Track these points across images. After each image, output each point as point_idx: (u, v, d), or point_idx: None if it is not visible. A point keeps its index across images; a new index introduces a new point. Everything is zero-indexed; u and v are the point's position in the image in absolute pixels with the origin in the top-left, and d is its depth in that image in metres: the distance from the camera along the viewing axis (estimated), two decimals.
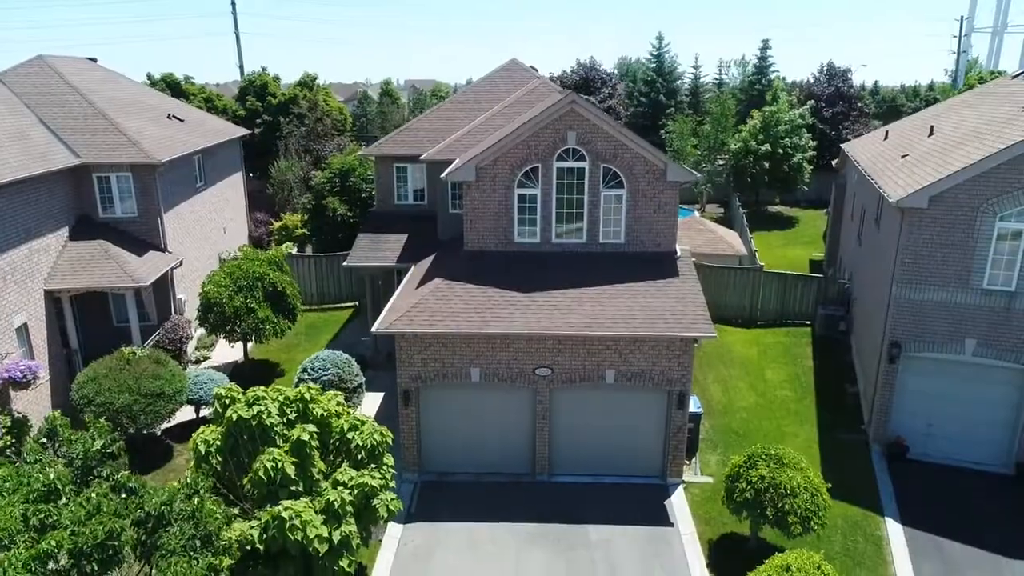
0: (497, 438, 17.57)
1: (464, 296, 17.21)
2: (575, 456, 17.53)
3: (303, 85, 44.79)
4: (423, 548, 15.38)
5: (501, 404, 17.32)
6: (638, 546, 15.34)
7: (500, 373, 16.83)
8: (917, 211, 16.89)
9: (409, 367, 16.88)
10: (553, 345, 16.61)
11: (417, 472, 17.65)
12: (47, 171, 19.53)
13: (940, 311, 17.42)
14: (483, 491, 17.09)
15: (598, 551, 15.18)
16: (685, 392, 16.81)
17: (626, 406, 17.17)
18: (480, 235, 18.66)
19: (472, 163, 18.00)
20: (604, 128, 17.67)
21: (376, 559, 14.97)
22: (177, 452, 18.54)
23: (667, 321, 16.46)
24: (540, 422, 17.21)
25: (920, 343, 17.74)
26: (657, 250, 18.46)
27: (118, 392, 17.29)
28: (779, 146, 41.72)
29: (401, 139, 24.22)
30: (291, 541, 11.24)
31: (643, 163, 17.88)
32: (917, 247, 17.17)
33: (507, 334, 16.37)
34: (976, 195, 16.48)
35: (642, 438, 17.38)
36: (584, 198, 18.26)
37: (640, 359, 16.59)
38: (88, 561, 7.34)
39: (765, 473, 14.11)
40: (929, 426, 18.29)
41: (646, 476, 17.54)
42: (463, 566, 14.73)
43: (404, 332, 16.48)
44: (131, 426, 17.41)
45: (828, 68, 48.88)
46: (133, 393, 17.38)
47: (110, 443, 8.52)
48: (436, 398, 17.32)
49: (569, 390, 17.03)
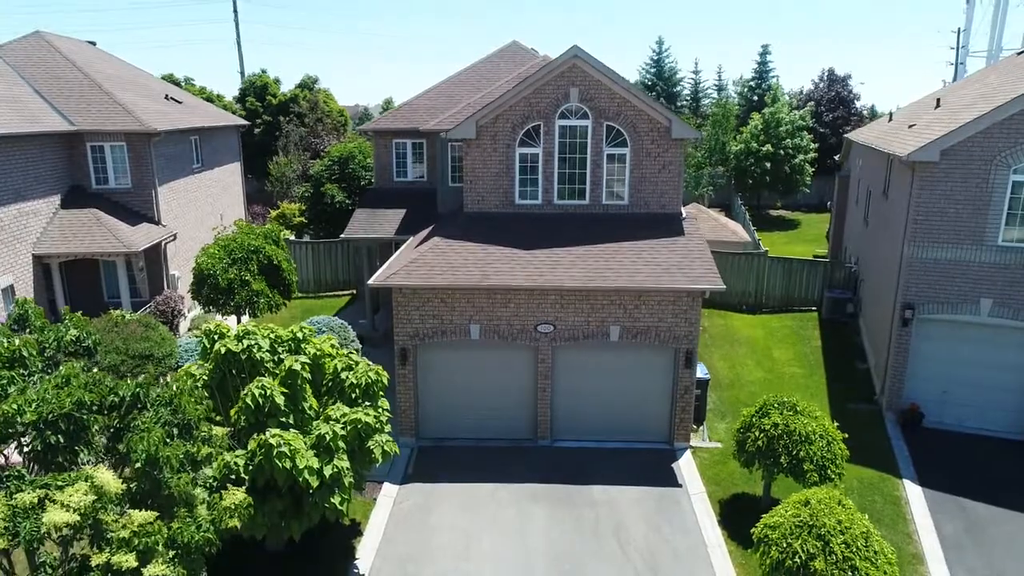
0: (497, 402, 16.91)
1: (463, 253, 16.71)
2: (578, 420, 16.87)
3: (304, 86, 44.76)
4: (420, 506, 14.66)
5: (502, 365, 16.70)
6: (645, 504, 14.63)
7: (500, 330, 16.25)
8: (928, 166, 16.47)
9: (407, 324, 16.30)
10: (556, 300, 16.07)
11: (414, 438, 16.96)
12: (38, 131, 19.17)
13: (954, 270, 16.91)
14: (483, 455, 16.40)
15: (603, 508, 14.46)
16: (692, 350, 16.22)
17: (631, 366, 16.56)
18: (480, 196, 18.21)
19: (472, 120, 17.62)
20: (607, 84, 17.33)
21: (370, 516, 14.24)
22: None
23: (673, 275, 15.94)
24: (542, 382, 16.57)
25: (934, 304, 17.19)
26: (662, 211, 18.01)
27: (104, 352, 16.67)
28: (780, 147, 41.56)
29: (400, 114, 23.91)
30: (279, 469, 10.58)
31: (647, 120, 17.51)
32: (929, 204, 16.71)
33: (508, 287, 15.83)
34: (989, 147, 16.07)
35: (648, 401, 16.73)
36: (587, 157, 17.86)
37: (645, 315, 16.03)
38: (53, 432, 6.71)
39: (778, 420, 13.48)
40: (944, 393, 17.65)
41: (652, 441, 16.85)
42: (462, 523, 14.01)
43: (402, 285, 15.94)
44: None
45: (829, 74, 48.99)
46: (120, 353, 16.77)
47: (85, 336, 7.93)
48: (434, 360, 16.71)
49: (572, 349, 16.44)
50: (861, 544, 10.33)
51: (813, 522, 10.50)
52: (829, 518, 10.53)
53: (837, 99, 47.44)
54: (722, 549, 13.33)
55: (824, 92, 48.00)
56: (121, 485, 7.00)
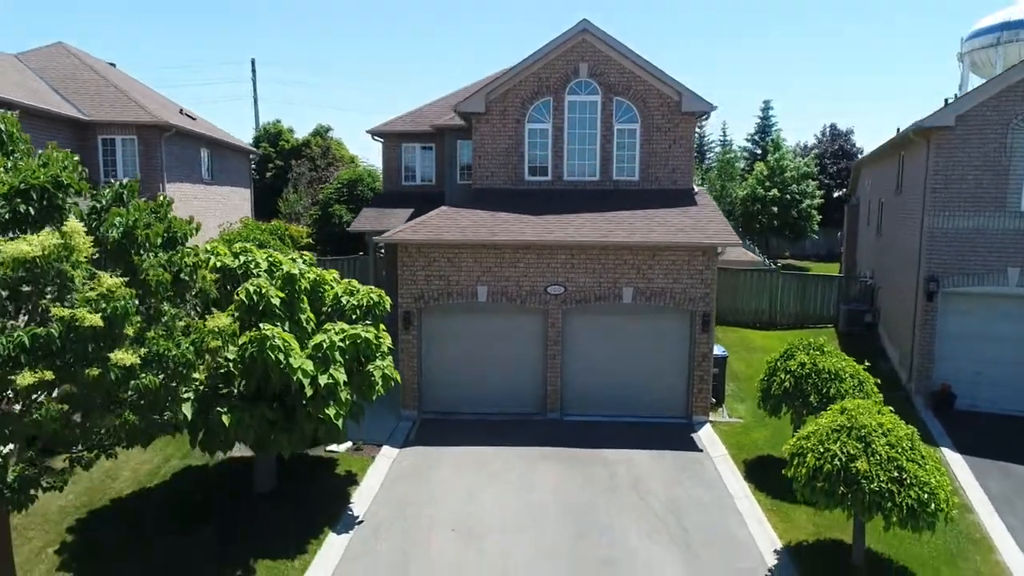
0: (504, 374, 16.06)
1: (471, 217, 16.32)
2: (590, 393, 15.96)
3: (317, 134, 45.65)
4: (421, 463, 13.64)
5: (509, 331, 15.97)
6: (663, 463, 13.59)
7: (509, 292, 15.64)
8: (943, 132, 16.22)
9: (411, 285, 15.72)
10: (566, 259, 15.53)
11: (416, 410, 16.04)
12: (49, 109, 19.25)
13: (977, 239, 16.36)
14: (488, 427, 15.40)
15: (618, 467, 13.41)
16: (709, 313, 15.51)
17: (646, 332, 15.82)
18: (489, 172, 17.99)
19: (482, 93, 17.62)
20: (616, 58, 17.40)
21: (367, 471, 13.21)
22: None
23: (688, 233, 15.46)
24: (552, 348, 15.79)
25: (959, 276, 16.54)
26: (674, 187, 17.69)
27: None
28: (787, 192, 41.69)
29: (410, 119, 24.06)
30: (272, 363, 9.84)
31: (657, 95, 17.48)
32: (946, 171, 16.36)
33: (517, 242, 15.35)
34: (1005, 110, 15.87)
35: (664, 371, 15.87)
36: (597, 133, 17.73)
37: (660, 275, 15.43)
38: (24, 201, 6.09)
39: (805, 359, 12.68)
40: (977, 373, 16.72)
41: (669, 416, 15.86)
42: (465, 476, 12.96)
43: (408, 240, 15.48)
44: None
45: (831, 129, 49.84)
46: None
47: (72, 167, 7.38)
48: (439, 327, 16.02)
49: (583, 314, 15.75)
50: (907, 446, 9.40)
51: (852, 424, 9.60)
52: (869, 419, 9.64)
53: (840, 151, 48.03)
54: (750, 500, 12.24)
55: (827, 145, 48.67)
56: (91, 248, 6.32)
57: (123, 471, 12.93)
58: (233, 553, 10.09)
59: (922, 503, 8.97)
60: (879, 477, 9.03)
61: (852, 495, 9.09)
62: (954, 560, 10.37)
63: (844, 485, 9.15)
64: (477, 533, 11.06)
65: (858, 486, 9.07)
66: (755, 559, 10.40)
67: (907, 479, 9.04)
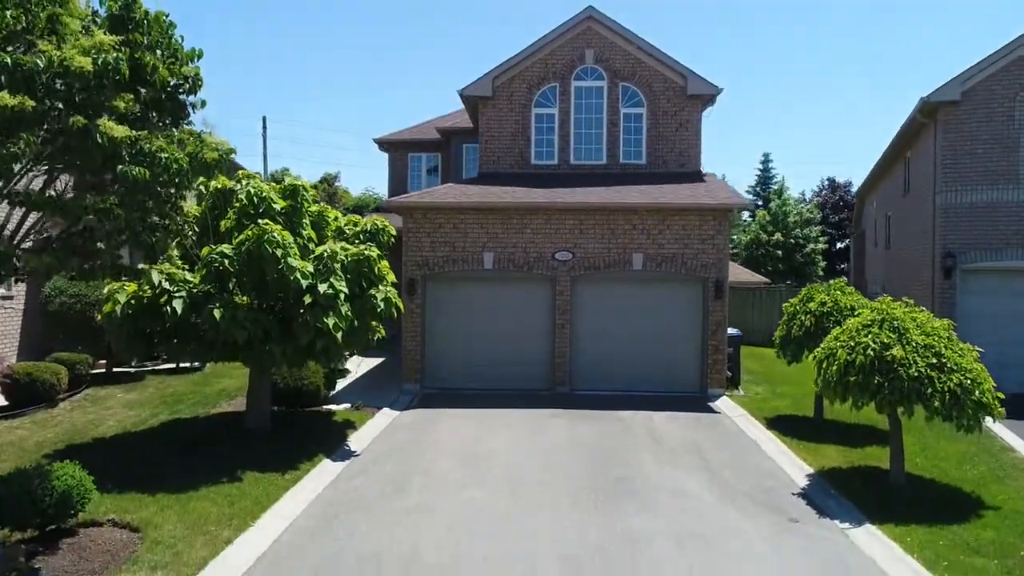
0: (511, 346, 15.45)
1: (478, 190, 16.15)
2: (600, 366, 15.31)
3: (324, 181, 46.29)
4: (424, 418, 12.90)
5: (516, 301, 15.48)
6: (680, 420, 12.83)
7: (516, 258, 15.25)
8: (950, 108, 16.22)
9: (416, 252, 15.35)
10: (574, 225, 15.23)
11: (419, 384, 15.35)
12: None
13: (993, 213, 16.09)
14: (494, 398, 14.66)
15: (634, 422, 12.65)
16: (722, 280, 15.07)
17: (657, 302, 15.32)
18: (496, 156, 17.93)
19: (488, 77, 17.77)
20: (622, 44, 17.65)
21: (367, 422, 12.45)
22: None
23: (698, 197, 15.22)
24: (560, 318, 15.25)
25: (975, 252, 16.17)
26: (681, 169, 17.58)
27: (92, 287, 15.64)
28: (791, 236, 41.75)
29: (417, 130, 24.32)
30: (268, 258, 9.37)
31: (662, 80, 17.63)
32: (955, 146, 16.27)
33: (524, 205, 15.13)
34: (1009, 84, 15.93)
35: (677, 343, 15.28)
36: (603, 117, 17.78)
37: (670, 240, 15.09)
38: None
39: (826, 298, 12.17)
40: (1001, 354, 16.07)
41: (683, 391, 15.14)
42: (470, 428, 12.18)
43: (414, 203, 15.23)
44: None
45: (829, 182, 50.46)
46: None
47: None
48: (443, 298, 15.56)
49: (592, 282, 15.32)
50: (944, 335, 8.83)
51: (884, 317, 9.04)
52: (903, 313, 9.09)
53: (841, 202, 48.42)
54: (774, 442, 11.46)
55: (828, 196, 49.13)
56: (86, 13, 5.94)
57: (107, 421, 12.21)
58: (219, 469, 9.32)
59: (965, 389, 8.33)
60: (917, 363, 8.42)
61: (889, 384, 8.44)
62: (1001, 480, 9.56)
63: (879, 375, 8.51)
64: (484, 458, 10.29)
65: (895, 374, 8.44)
66: (784, 480, 9.59)
67: (947, 365, 8.43)
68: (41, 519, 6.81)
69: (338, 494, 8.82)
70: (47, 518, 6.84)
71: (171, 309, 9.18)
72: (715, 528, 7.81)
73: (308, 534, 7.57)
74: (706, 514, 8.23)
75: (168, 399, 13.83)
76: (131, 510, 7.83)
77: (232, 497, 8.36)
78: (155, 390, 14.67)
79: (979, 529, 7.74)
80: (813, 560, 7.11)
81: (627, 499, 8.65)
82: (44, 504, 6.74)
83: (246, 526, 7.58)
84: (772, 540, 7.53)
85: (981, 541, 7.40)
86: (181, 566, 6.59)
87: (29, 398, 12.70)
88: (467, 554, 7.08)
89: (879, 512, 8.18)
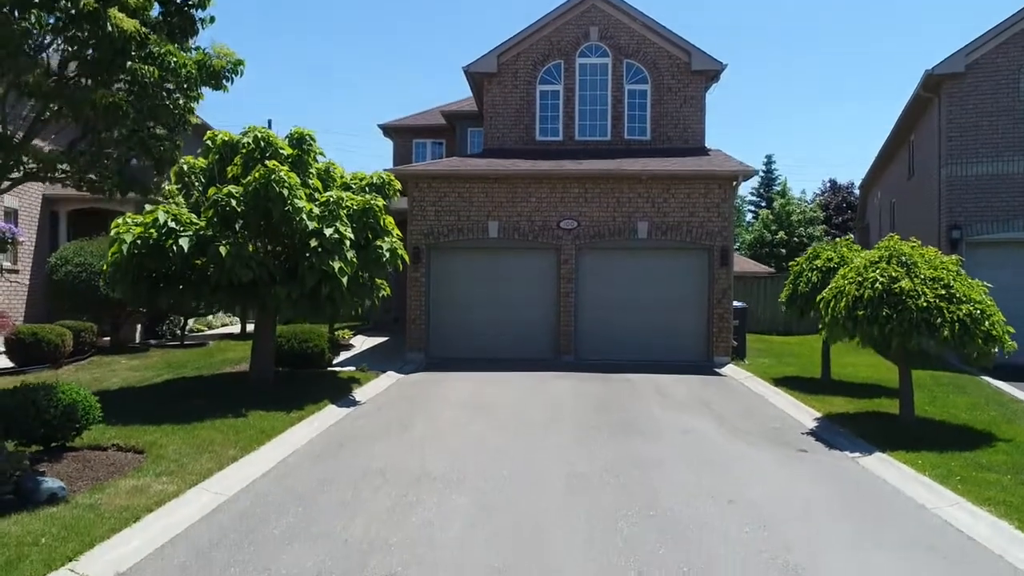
0: (516, 318, 15.41)
1: (483, 163, 16.18)
2: (605, 335, 15.25)
3: None
4: (428, 378, 12.85)
5: (521, 270, 15.47)
6: (687, 381, 12.75)
7: (521, 227, 15.25)
8: (954, 80, 16.24)
9: (421, 221, 15.36)
10: (579, 194, 15.24)
11: (423, 352, 15.30)
12: None
13: (998, 184, 16.06)
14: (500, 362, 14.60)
15: (640, 382, 12.57)
16: (727, 248, 15.04)
17: (663, 270, 15.29)
18: (500, 132, 17.96)
19: (493, 54, 17.85)
20: (626, 22, 17.74)
21: (371, 381, 12.40)
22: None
23: (703, 166, 15.23)
24: (565, 286, 15.22)
25: (981, 223, 16.13)
26: (685, 146, 17.58)
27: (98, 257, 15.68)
28: (794, 234, 41.73)
29: (422, 116, 24.43)
30: (275, 196, 9.40)
31: (667, 56, 17.69)
32: (960, 119, 16.28)
33: (529, 173, 15.18)
34: (1016, 55, 15.95)
35: (683, 311, 15.22)
36: (608, 94, 17.83)
37: (675, 208, 15.08)
38: None
39: (832, 255, 12.13)
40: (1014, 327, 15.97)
41: (689, 360, 15.05)
42: (475, 385, 12.12)
43: (420, 172, 15.26)
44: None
45: (831, 184, 50.52)
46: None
47: None
48: (448, 267, 15.54)
49: (597, 250, 15.30)
50: (952, 268, 8.78)
51: (892, 253, 9.01)
52: (910, 249, 9.05)
53: (844, 203, 48.45)
54: (781, 395, 11.39)
55: (831, 198, 49.18)
56: None
57: (112, 379, 12.18)
58: (224, 407, 9.28)
59: (975, 319, 8.28)
60: (925, 294, 8.37)
61: (897, 315, 8.39)
62: (1012, 422, 9.46)
63: (888, 307, 8.46)
64: (489, 406, 10.24)
65: (903, 305, 8.38)
66: (792, 424, 9.51)
67: (956, 295, 8.38)
68: (45, 430, 6.77)
69: (343, 430, 8.78)
70: (51, 430, 6.81)
71: (177, 248, 9.19)
72: (724, 456, 7.75)
73: (314, 457, 7.53)
74: (715, 446, 8.17)
75: (172, 364, 13.82)
76: (136, 437, 7.79)
77: (238, 427, 8.33)
78: (159, 358, 14.64)
79: (991, 454, 7.66)
80: (822, 478, 7.03)
81: (635, 435, 8.59)
82: (49, 415, 6.72)
83: (252, 448, 7.55)
84: (781, 464, 7.46)
85: (993, 462, 7.32)
86: (186, 475, 6.55)
87: (34, 358, 12.70)
88: (474, 472, 7.02)
89: (889, 445, 8.09)
